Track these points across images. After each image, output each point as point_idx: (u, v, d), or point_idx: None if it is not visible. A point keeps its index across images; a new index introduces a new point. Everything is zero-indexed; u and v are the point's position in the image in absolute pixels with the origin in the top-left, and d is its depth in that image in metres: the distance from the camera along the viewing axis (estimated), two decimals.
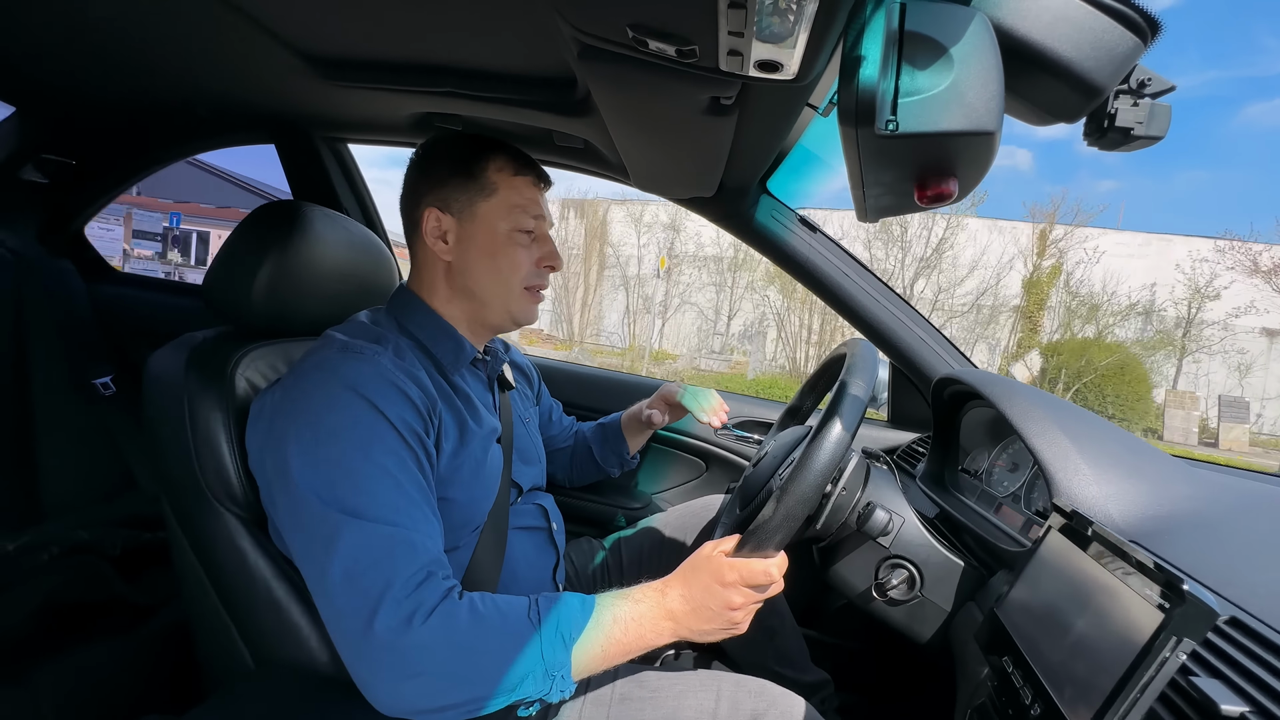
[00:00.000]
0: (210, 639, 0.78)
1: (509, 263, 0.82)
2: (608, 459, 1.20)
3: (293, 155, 1.39)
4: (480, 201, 0.81)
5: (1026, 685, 0.55)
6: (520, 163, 0.84)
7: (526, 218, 0.82)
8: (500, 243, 0.81)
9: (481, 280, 0.82)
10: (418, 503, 0.67)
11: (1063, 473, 0.73)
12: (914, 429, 1.42)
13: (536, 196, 0.84)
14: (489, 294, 0.83)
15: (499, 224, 0.81)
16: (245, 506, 0.75)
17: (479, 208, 0.81)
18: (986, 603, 0.76)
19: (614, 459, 1.20)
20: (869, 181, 0.49)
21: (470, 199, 0.81)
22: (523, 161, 0.84)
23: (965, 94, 0.38)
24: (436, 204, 0.81)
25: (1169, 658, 0.43)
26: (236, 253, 0.83)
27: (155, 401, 0.79)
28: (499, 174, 0.82)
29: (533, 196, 0.84)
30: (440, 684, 0.60)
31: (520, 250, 0.82)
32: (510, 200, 0.82)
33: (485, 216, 0.81)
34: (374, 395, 0.67)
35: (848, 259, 1.29)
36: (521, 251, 0.83)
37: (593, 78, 0.70)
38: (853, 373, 0.75)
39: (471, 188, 0.81)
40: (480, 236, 0.81)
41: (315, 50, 0.90)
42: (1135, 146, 0.46)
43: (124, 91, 1.17)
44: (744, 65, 0.53)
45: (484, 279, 0.82)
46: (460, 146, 0.83)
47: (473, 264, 0.82)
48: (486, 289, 0.83)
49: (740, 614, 0.68)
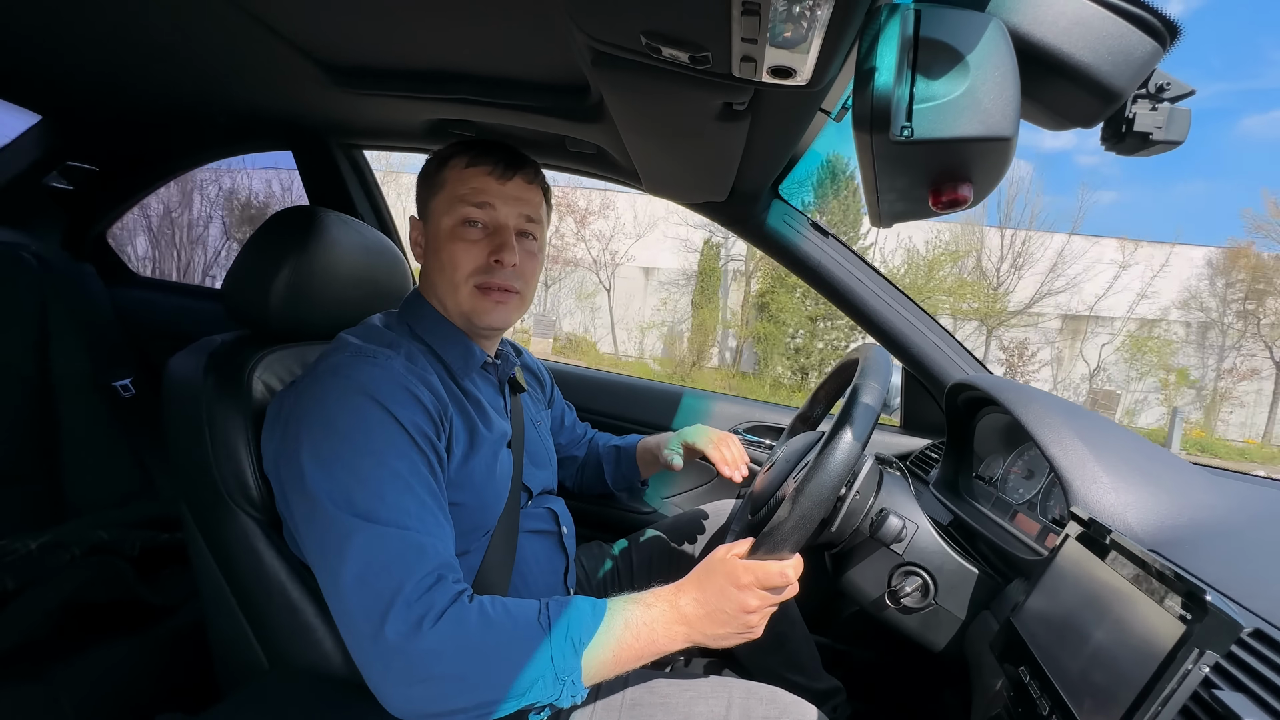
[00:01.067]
0: (226, 639, 0.79)
1: (450, 258, 0.78)
2: (618, 483, 1.18)
3: (310, 162, 1.41)
4: (433, 200, 0.81)
5: (1044, 696, 0.55)
6: (473, 154, 0.79)
7: (468, 207, 0.78)
8: (444, 238, 0.79)
9: (435, 280, 0.81)
10: (429, 506, 0.67)
11: (1080, 480, 0.72)
12: (927, 435, 1.41)
13: (488, 185, 0.78)
14: (443, 294, 0.81)
15: (444, 219, 0.79)
16: (262, 509, 0.76)
17: (432, 206, 0.81)
18: (1002, 611, 0.75)
19: (624, 484, 1.18)
20: (883, 187, 0.49)
21: (428, 199, 0.81)
22: (477, 152, 0.80)
23: (981, 100, 0.38)
24: (417, 212, 0.84)
25: (1191, 670, 0.42)
26: (255, 258, 0.84)
27: (174, 404, 0.80)
28: (450, 169, 0.80)
29: (481, 185, 0.78)
30: (450, 687, 0.60)
31: (461, 244, 0.78)
32: (454, 192, 0.78)
33: (435, 214, 0.80)
34: (386, 399, 0.68)
35: (860, 264, 1.28)
36: (463, 245, 0.78)
37: (606, 84, 0.70)
38: (866, 377, 0.75)
39: (430, 188, 0.81)
40: (432, 235, 0.81)
41: (333, 59, 0.91)
42: (1154, 151, 0.46)
43: (147, 100, 1.20)
44: (757, 71, 0.53)
45: (436, 278, 0.81)
46: (437, 153, 0.84)
47: (429, 265, 0.82)
48: (440, 288, 0.81)
49: (756, 617, 0.67)
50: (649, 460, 1.16)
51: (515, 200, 0.81)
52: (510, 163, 0.81)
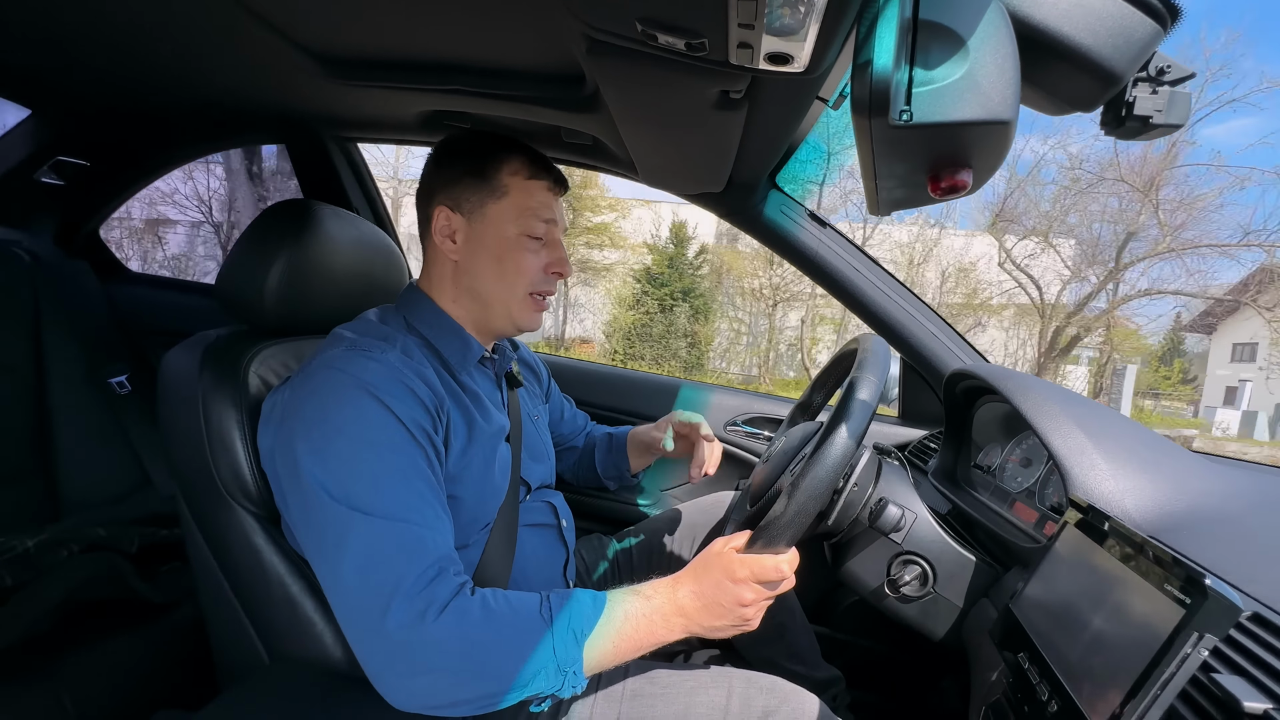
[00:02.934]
0: (226, 634, 0.79)
1: (515, 267, 0.81)
2: (607, 471, 1.16)
3: (303, 155, 1.40)
4: (491, 203, 0.80)
5: (1043, 681, 0.55)
6: (536, 166, 0.82)
7: (537, 222, 0.81)
8: (508, 246, 0.81)
9: (486, 283, 0.82)
10: (428, 499, 0.67)
11: (1079, 467, 0.72)
12: (926, 425, 1.41)
13: (549, 201, 0.83)
14: (493, 297, 0.82)
15: (508, 227, 0.80)
16: (259, 504, 0.75)
17: (489, 209, 0.80)
18: (1001, 599, 0.76)
19: (613, 472, 1.16)
20: (881, 173, 0.49)
21: (481, 200, 0.80)
22: (539, 165, 0.83)
23: (981, 83, 0.38)
24: (448, 202, 0.81)
25: (1190, 654, 0.42)
26: (249, 252, 0.83)
27: (170, 400, 0.80)
28: (513, 177, 0.81)
29: (545, 201, 0.82)
30: (453, 679, 0.60)
31: (528, 255, 0.81)
32: (521, 204, 0.81)
33: (495, 219, 0.80)
34: (382, 393, 0.68)
35: (858, 254, 1.28)
36: (529, 256, 0.81)
37: (601, 73, 0.69)
38: (864, 368, 0.74)
39: (483, 189, 0.80)
40: (488, 238, 0.81)
41: (325, 50, 0.90)
42: (1154, 135, 0.45)
43: (137, 94, 1.19)
44: (754, 58, 0.52)
45: (489, 282, 0.82)
46: (477, 146, 0.83)
47: (479, 266, 0.81)
48: (490, 292, 0.82)
49: (752, 610, 0.68)
50: (640, 448, 1.14)
51: (561, 215, 0.86)
52: (561, 179, 0.85)
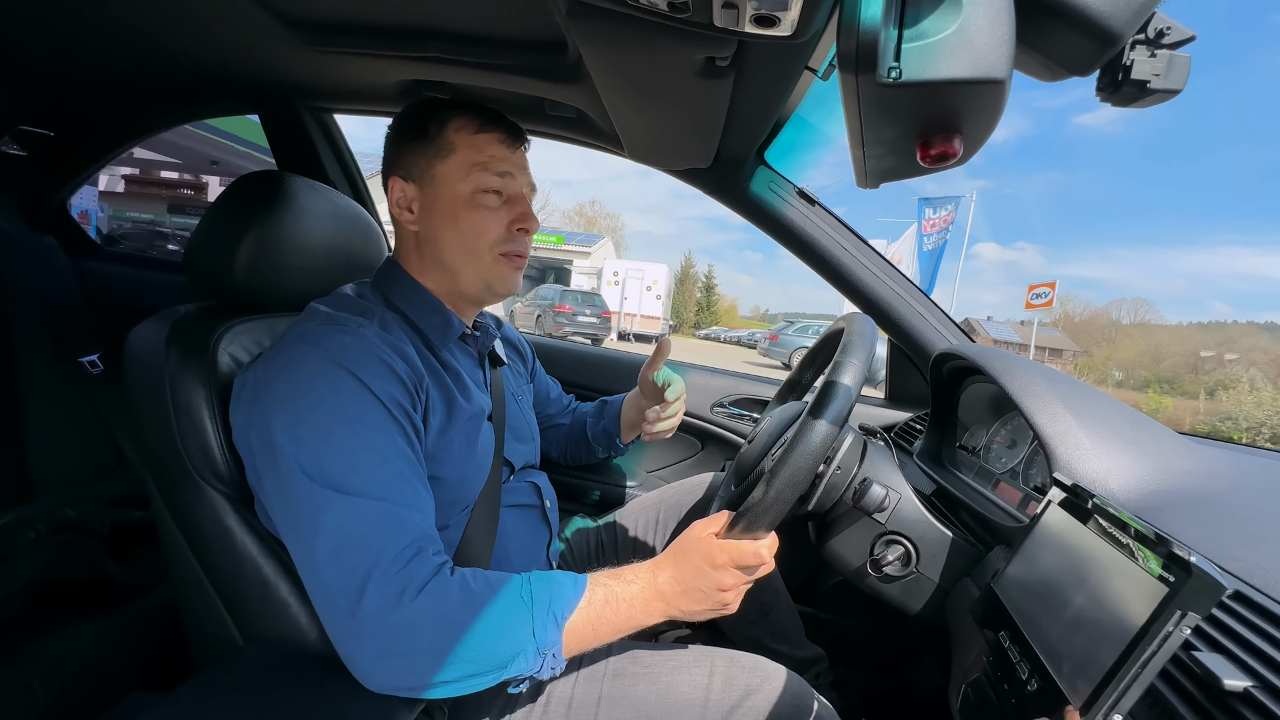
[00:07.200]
0: (198, 617, 0.77)
1: (472, 227, 0.77)
2: (598, 437, 1.16)
3: (276, 126, 1.35)
4: (438, 163, 0.77)
5: (1023, 660, 0.55)
6: (483, 119, 0.78)
7: (490, 176, 0.77)
8: (462, 205, 0.77)
9: (447, 249, 0.78)
10: (406, 477, 0.65)
11: (1063, 446, 0.72)
12: (912, 407, 1.41)
13: (504, 154, 0.78)
14: (458, 263, 0.79)
15: (459, 185, 0.76)
16: (230, 484, 0.73)
17: (436, 170, 0.77)
18: (983, 579, 0.76)
19: (604, 438, 1.16)
20: (870, 140, 0.47)
21: (429, 162, 0.77)
22: (486, 118, 0.78)
23: (973, 38, 0.36)
24: (400, 172, 0.78)
25: (1172, 632, 0.42)
26: (218, 225, 0.80)
27: (136, 377, 0.77)
28: (458, 132, 0.77)
29: (498, 154, 0.78)
30: (430, 661, 0.59)
31: (485, 213, 0.77)
32: (469, 159, 0.76)
33: (444, 178, 0.77)
34: (358, 369, 0.66)
35: (846, 233, 1.26)
36: (487, 214, 0.77)
37: (583, 38, 0.67)
38: (849, 349, 0.73)
39: (429, 150, 0.77)
40: (442, 200, 0.77)
41: (296, 13, 0.86)
42: (1152, 101, 0.44)
43: (100, 59, 1.13)
44: (739, 20, 0.50)
45: (450, 247, 0.78)
46: (419, 109, 0.79)
47: (437, 231, 0.78)
48: (454, 258, 0.79)
49: (730, 595, 0.68)
50: (634, 416, 1.13)
51: (522, 169, 0.82)
52: (515, 130, 0.81)
